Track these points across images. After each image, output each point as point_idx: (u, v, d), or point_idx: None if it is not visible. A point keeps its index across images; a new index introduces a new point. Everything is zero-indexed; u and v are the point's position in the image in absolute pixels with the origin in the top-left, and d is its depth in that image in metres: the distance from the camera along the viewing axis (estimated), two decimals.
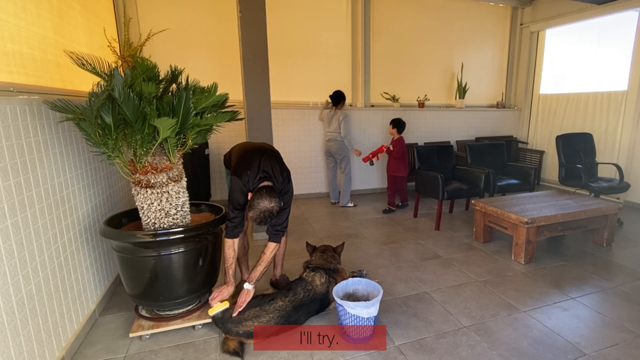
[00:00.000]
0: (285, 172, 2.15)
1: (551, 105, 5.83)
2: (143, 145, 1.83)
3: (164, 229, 1.96)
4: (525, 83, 6.17)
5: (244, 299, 2.05)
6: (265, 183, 2.01)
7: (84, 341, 2.04)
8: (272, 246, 2.15)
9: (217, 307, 2.04)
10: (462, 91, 5.85)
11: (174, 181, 2.00)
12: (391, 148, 4.30)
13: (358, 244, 3.44)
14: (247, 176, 2.03)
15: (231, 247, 2.14)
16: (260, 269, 2.12)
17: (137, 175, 1.93)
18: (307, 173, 5.10)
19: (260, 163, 2.06)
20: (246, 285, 2.08)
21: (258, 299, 2.06)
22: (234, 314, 1.99)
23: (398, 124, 4.32)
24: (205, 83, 2.04)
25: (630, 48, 4.67)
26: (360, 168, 5.42)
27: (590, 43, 5.22)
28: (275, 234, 2.15)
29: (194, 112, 1.91)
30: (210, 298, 2.11)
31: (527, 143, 6.19)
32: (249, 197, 2.00)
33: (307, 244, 2.56)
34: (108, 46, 2.83)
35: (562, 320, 2.23)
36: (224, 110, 2.12)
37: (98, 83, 1.78)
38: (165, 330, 2.07)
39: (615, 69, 4.91)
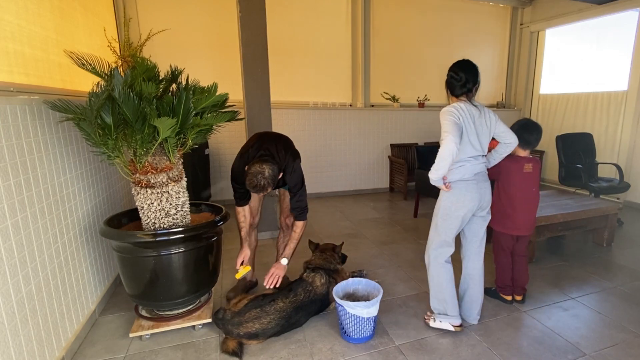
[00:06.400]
0: (289, 152, 2.17)
1: (551, 105, 5.82)
2: (143, 145, 1.83)
3: (164, 229, 1.96)
4: (525, 83, 6.17)
5: (280, 273, 2.17)
6: (265, 158, 2.06)
7: (84, 341, 2.04)
8: (300, 224, 2.25)
9: (242, 271, 2.16)
10: None
11: (174, 181, 2.00)
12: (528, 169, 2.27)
13: (358, 244, 3.44)
14: (247, 154, 2.12)
15: (240, 213, 2.26)
16: (292, 245, 2.23)
17: (137, 175, 1.93)
18: (307, 173, 5.05)
19: (264, 143, 2.15)
20: (283, 261, 2.20)
21: (258, 300, 2.05)
22: (265, 284, 2.13)
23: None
24: (205, 83, 2.04)
25: (630, 48, 4.67)
26: (358, 168, 5.42)
27: (590, 43, 5.22)
28: (301, 214, 2.24)
29: (194, 112, 1.91)
30: (236, 266, 2.22)
31: None
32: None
33: (310, 241, 2.58)
34: (108, 46, 2.82)
35: (562, 320, 2.23)
36: (224, 110, 2.12)
37: (98, 83, 1.78)
38: (165, 330, 2.07)
39: (615, 69, 4.91)
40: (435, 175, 1.88)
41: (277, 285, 2.17)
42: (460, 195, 1.95)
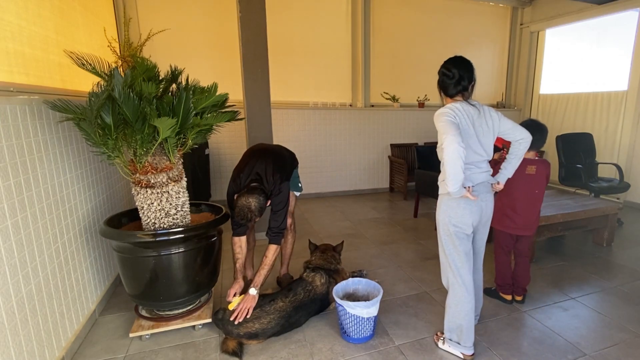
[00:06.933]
0: (278, 175, 2.14)
1: (551, 105, 5.82)
2: (143, 145, 1.83)
3: (164, 229, 1.96)
4: (525, 83, 6.17)
5: (248, 305, 1.99)
6: (254, 184, 2.08)
7: (84, 341, 2.04)
8: (273, 248, 2.15)
9: (235, 301, 2.07)
10: None
11: (174, 181, 2.00)
12: (531, 171, 2.25)
13: (358, 244, 3.44)
14: (239, 179, 2.14)
15: (236, 244, 2.23)
16: (263, 272, 2.12)
17: (137, 175, 1.93)
18: (307, 173, 5.09)
19: (255, 166, 2.15)
20: (251, 291, 2.05)
21: (259, 300, 2.05)
22: (232, 318, 1.95)
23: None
24: (205, 83, 2.04)
25: (630, 48, 4.67)
26: (358, 168, 5.42)
27: (590, 43, 5.22)
28: (275, 236, 2.16)
29: (194, 112, 1.91)
30: (227, 297, 2.15)
31: None
32: None
33: (310, 241, 2.58)
34: (108, 46, 2.82)
35: (562, 320, 2.23)
36: (224, 110, 2.12)
37: (98, 83, 1.79)
38: (165, 330, 2.07)
39: (615, 69, 4.91)
40: (453, 186, 1.59)
41: (248, 317, 1.97)
42: (459, 209, 1.74)
